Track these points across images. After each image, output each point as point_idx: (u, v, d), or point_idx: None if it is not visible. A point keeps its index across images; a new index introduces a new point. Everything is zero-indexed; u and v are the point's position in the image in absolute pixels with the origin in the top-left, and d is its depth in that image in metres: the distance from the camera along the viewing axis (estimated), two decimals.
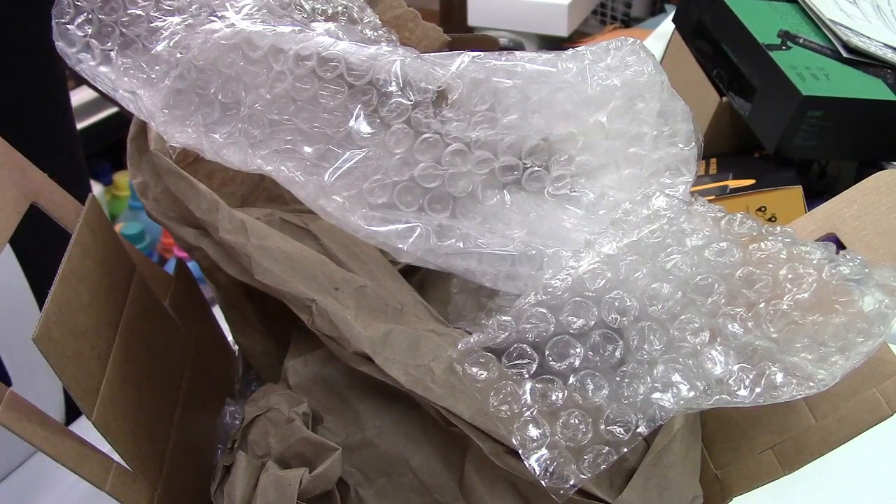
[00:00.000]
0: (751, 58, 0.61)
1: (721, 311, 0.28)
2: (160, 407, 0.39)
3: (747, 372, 0.27)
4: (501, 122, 0.33)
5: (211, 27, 0.34)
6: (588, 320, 0.28)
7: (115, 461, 0.33)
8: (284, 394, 0.37)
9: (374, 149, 0.33)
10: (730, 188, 0.60)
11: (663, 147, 0.36)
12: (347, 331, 0.33)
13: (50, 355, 0.30)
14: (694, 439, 0.35)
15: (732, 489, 0.36)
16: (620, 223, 0.30)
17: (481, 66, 0.33)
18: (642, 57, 0.35)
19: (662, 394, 0.27)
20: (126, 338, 0.37)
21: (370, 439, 0.35)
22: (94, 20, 0.35)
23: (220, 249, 0.37)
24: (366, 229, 0.32)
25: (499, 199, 0.34)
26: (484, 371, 0.28)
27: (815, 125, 0.57)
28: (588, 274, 0.29)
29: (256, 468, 0.34)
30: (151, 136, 0.38)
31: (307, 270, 0.35)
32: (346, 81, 0.33)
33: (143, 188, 0.39)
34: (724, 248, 0.29)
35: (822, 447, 0.32)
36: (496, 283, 0.33)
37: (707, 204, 0.31)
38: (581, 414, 0.27)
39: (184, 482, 0.39)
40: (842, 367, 0.26)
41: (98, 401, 0.33)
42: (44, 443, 0.30)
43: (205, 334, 0.49)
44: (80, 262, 0.34)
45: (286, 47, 0.33)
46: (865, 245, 0.33)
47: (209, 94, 0.34)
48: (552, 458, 0.27)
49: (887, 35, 0.65)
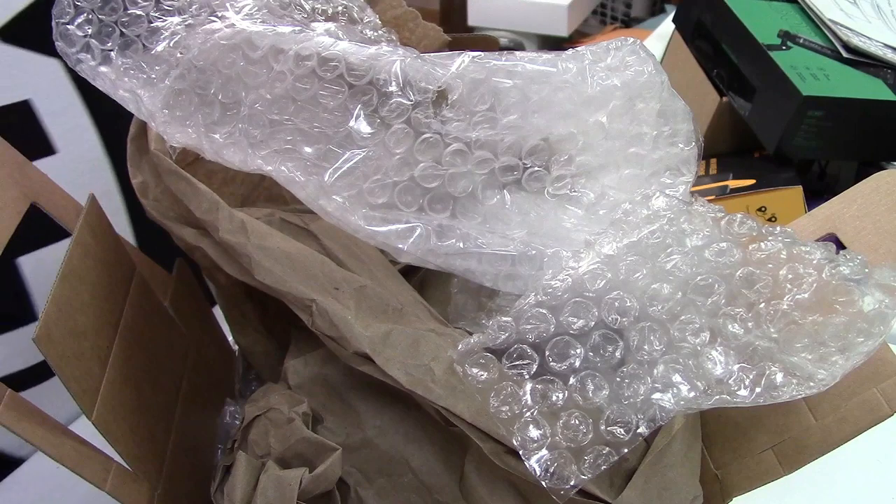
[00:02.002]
0: (751, 58, 0.61)
1: (721, 311, 0.28)
2: (160, 407, 0.39)
3: (747, 372, 0.27)
4: (501, 122, 0.33)
5: (211, 27, 0.34)
6: (588, 321, 0.28)
7: (115, 461, 0.33)
8: (284, 394, 0.37)
9: (374, 149, 0.33)
10: (730, 188, 0.60)
11: (663, 147, 0.36)
12: (347, 331, 0.33)
13: (50, 355, 0.30)
14: (694, 439, 0.35)
15: (732, 489, 0.35)
16: (620, 223, 0.30)
17: (481, 66, 0.33)
18: (642, 57, 0.35)
19: (663, 394, 0.27)
20: (126, 338, 0.37)
21: (370, 439, 0.35)
22: (94, 20, 0.35)
23: (220, 249, 0.37)
24: (366, 229, 0.32)
25: (499, 200, 0.34)
26: (484, 372, 0.28)
27: (815, 125, 0.57)
28: (588, 274, 0.29)
29: (256, 468, 0.34)
30: (151, 136, 0.38)
31: (307, 270, 0.35)
32: (346, 81, 0.32)
33: (143, 188, 0.39)
34: (724, 248, 0.29)
35: (822, 447, 0.32)
36: (496, 283, 0.33)
37: (707, 204, 0.31)
38: (581, 414, 0.27)
39: (184, 482, 0.39)
40: (842, 367, 0.26)
41: (98, 401, 0.33)
42: (44, 443, 0.30)
43: (205, 334, 0.49)
44: (80, 262, 0.34)
45: (286, 47, 0.33)
46: (865, 245, 0.33)
47: (209, 95, 0.34)
48: (553, 459, 0.27)
49: (887, 35, 0.65)
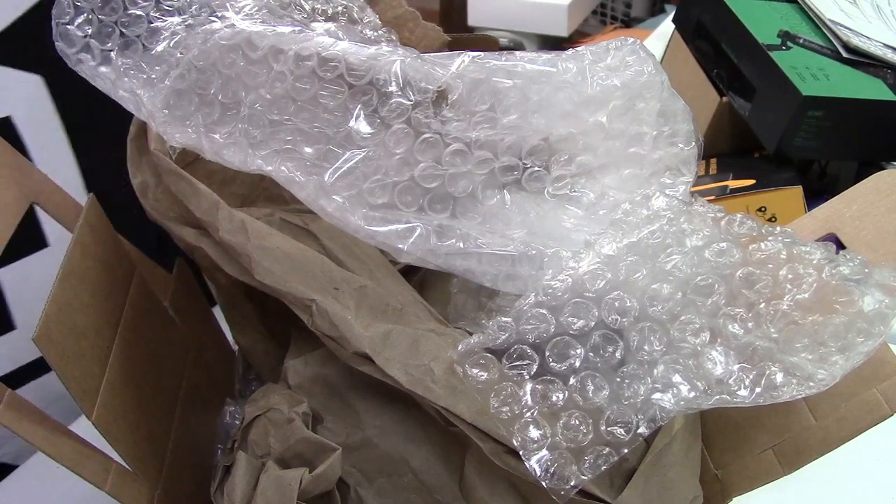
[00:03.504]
0: (751, 58, 0.61)
1: (721, 311, 0.28)
2: (160, 407, 0.39)
3: (747, 372, 0.27)
4: (501, 122, 0.33)
5: (211, 27, 0.34)
6: (588, 321, 0.28)
7: (115, 461, 0.33)
8: (284, 394, 0.37)
9: (374, 149, 0.33)
10: (730, 188, 0.60)
11: (663, 147, 0.36)
12: (347, 331, 0.33)
13: (50, 355, 0.30)
14: (694, 439, 0.35)
15: (732, 489, 0.35)
16: (620, 223, 0.30)
17: (481, 66, 0.33)
18: (642, 57, 0.35)
19: (663, 394, 0.27)
20: (126, 338, 0.37)
21: (370, 439, 0.35)
22: (94, 20, 0.35)
23: (220, 249, 0.37)
24: (366, 229, 0.32)
25: (499, 199, 0.34)
26: (484, 372, 0.28)
27: (815, 125, 0.57)
28: (588, 275, 0.29)
29: (256, 468, 0.34)
30: (151, 136, 0.38)
31: (307, 270, 0.35)
32: (346, 81, 0.32)
33: (143, 188, 0.39)
34: (724, 248, 0.29)
35: (822, 447, 0.32)
36: (496, 283, 0.33)
37: (707, 204, 0.31)
38: (581, 415, 0.27)
39: (184, 482, 0.39)
40: (842, 367, 0.26)
41: (98, 401, 0.33)
42: (44, 443, 0.30)
43: (205, 334, 0.49)
44: (80, 262, 0.34)
45: (286, 47, 0.33)
46: (865, 245, 0.33)
47: (209, 95, 0.34)
48: (553, 459, 0.27)
49: (887, 35, 0.65)
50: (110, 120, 0.38)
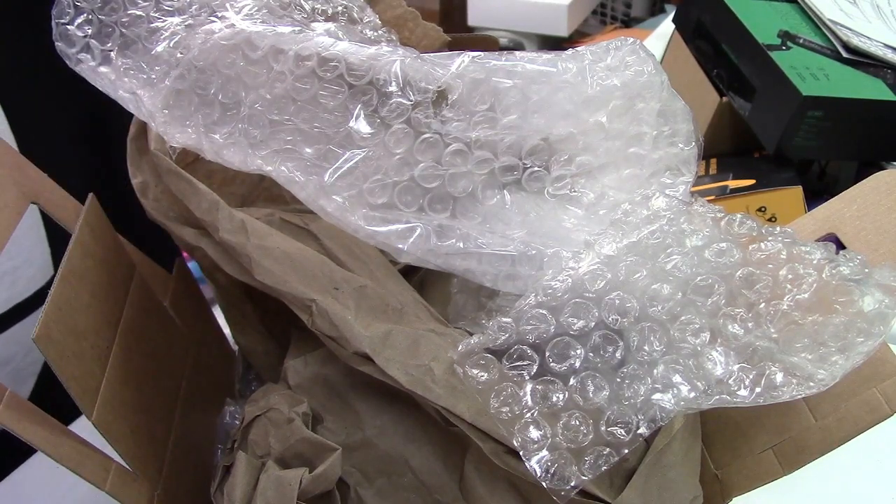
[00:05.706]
0: (751, 58, 0.61)
1: (721, 311, 0.28)
2: (160, 407, 0.39)
3: (747, 372, 0.27)
4: (501, 122, 0.33)
5: (211, 27, 0.34)
6: (588, 321, 0.28)
7: (115, 461, 0.33)
8: (284, 394, 0.37)
9: (374, 149, 0.33)
10: (730, 188, 0.60)
11: (663, 147, 0.36)
12: (347, 331, 0.33)
13: (50, 355, 0.30)
14: (694, 439, 0.35)
15: (732, 489, 0.35)
16: (620, 224, 0.30)
17: (481, 66, 0.33)
18: (642, 57, 0.35)
19: (663, 394, 0.27)
20: (126, 338, 0.37)
21: (370, 439, 0.35)
22: (94, 21, 0.35)
23: (220, 249, 0.37)
24: (366, 229, 0.32)
25: (499, 199, 0.34)
26: (484, 373, 0.28)
27: (815, 125, 0.57)
28: (588, 275, 0.29)
29: (256, 468, 0.34)
30: (151, 136, 0.38)
31: (307, 270, 0.35)
32: (346, 81, 0.32)
33: (143, 188, 0.39)
34: (724, 248, 0.29)
35: (822, 447, 0.32)
36: (496, 283, 0.33)
37: (707, 204, 0.31)
38: (582, 415, 0.27)
39: (184, 482, 0.39)
40: (842, 367, 0.26)
41: (98, 401, 0.33)
42: (44, 443, 0.30)
43: (205, 334, 0.49)
44: (80, 262, 0.34)
45: (286, 47, 0.33)
46: (865, 245, 0.33)
47: (209, 95, 0.34)
48: (553, 460, 0.27)
49: (887, 35, 0.65)
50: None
